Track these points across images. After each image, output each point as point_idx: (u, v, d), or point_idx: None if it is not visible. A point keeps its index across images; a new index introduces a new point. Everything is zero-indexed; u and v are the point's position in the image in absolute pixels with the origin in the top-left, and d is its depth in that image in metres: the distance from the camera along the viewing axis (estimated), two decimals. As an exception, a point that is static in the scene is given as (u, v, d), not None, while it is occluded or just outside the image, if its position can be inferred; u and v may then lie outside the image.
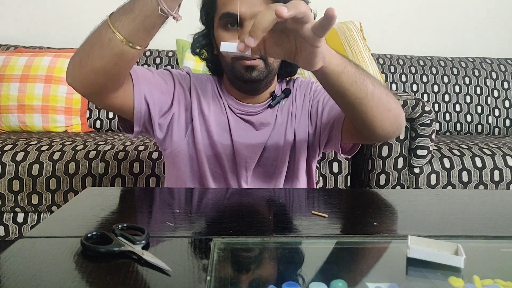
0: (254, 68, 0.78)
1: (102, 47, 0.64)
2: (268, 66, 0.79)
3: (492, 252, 0.45)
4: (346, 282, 0.35)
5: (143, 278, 0.36)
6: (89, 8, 2.18)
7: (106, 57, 0.64)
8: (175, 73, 0.87)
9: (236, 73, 0.79)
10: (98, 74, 0.66)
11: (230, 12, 0.75)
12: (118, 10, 0.64)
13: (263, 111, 0.87)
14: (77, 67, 0.67)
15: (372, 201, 0.64)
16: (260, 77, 0.79)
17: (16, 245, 0.42)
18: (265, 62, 0.79)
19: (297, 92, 0.91)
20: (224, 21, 0.78)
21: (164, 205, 0.62)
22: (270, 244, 0.44)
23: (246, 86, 0.83)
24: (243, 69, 0.78)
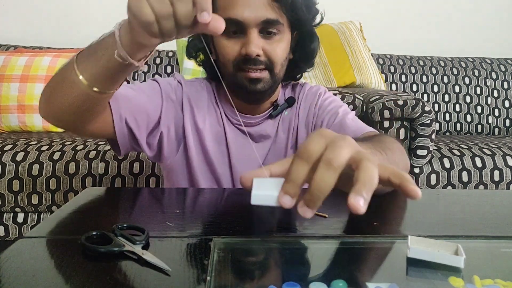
0: (260, 80, 0.72)
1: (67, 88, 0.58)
2: (274, 76, 0.74)
3: (492, 252, 0.45)
4: (346, 282, 0.35)
5: (143, 278, 0.36)
6: (89, 8, 2.19)
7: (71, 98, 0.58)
8: (163, 85, 0.80)
9: (239, 84, 0.74)
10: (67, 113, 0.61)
11: (233, 18, 0.69)
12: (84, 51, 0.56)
13: (263, 121, 0.82)
14: (47, 103, 0.63)
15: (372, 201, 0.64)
16: (265, 88, 0.74)
17: (16, 245, 0.42)
18: (270, 72, 0.73)
19: (302, 102, 0.85)
20: (225, 27, 0.73)
21: (164, 205, 0.62)
22: (270, 244, 0.44)
23: (249, 97, 0.77)
24: (247, 81, 0.72)
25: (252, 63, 0.71)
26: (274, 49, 0.72)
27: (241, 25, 0.70)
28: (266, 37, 0.72)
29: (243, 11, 0.69)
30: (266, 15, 0.70)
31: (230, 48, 0.72)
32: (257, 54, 0.70)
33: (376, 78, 1.98)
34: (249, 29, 0.70)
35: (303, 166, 0.34)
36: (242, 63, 0.72)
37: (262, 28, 0.71)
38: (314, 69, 1.95)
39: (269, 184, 0.36)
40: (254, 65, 0.71)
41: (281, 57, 0.74)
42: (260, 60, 0.71)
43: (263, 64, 0.72)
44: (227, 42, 0.72)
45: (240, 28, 0.70)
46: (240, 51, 0.71)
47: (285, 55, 0.76)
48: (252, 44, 0.69)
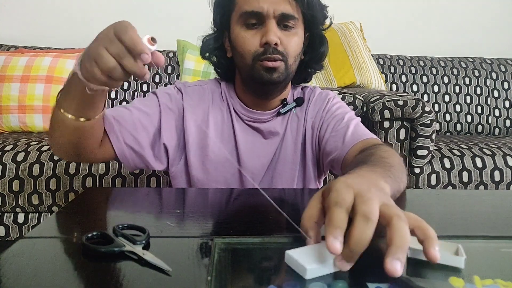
0: (275, 70, 0.75)
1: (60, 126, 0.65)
2: (288, 69, 0.77)
3: (493, 252, 0.45)
4: (346, 282, 0.35)
5: (143, 278, 0.36)
6: (89, 8, 2.19)
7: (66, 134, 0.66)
8: (161, 96, 0.82)
9: (255, 74, 0.76)
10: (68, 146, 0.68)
11: (255, 11, 0.74)
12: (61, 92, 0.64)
13: (272, 119, 0.84)
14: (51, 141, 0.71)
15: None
16: (280, 79, 0.76)
17: (16, 245, 0.42)
18: (285, 64, 0.76)
19: (311, 105, 0.87)
20: (244, 18, 0.75)
21: (164, 205, 0.62)
22: (270, 244, 0.44)
23: (263, 88, 0.79)
24: (264, 70, 0.75)
25: (270, 52, 0.74)
26: (290, 41, 0.76)
27: (260, 16, 0.74)
28: (283, 29, 0.76)
29: (263, 3, 0.73)
30: (284, 9, 0.74)
31: (250, 39, 0.76)
32: (275, 43, 0.74)
33: (376, 79, 1.98)
34: (268, 19, 0.74)
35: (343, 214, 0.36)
36: (262, 54, 0.75)
37: (279, 21, 0.75)
38: (314, 69, 1.95)
39: (311, 253, 0.37)
40: (272, 54, 0.74)
41: (295, 50, 0.78)
42: (278, 50, 0.75)
43: (280, 54, 0.75)
44: (247, 34, 0.76)
45: (259, 19, 0.74)
46: (260, 41, 0.75)
47: (299, 50, 0.79)
48: (272, 32, 0.73)
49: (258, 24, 0.75)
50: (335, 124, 0.82)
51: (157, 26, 2.20)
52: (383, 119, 1.40)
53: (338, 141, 0.78)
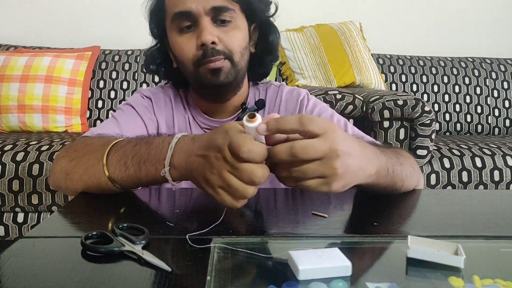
0: (220, 70, 0.70)
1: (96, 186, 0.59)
2: (235, 66, 0.72)
3: (492, 252, 0.45)
4: (346, 282, 0.35)
5: (143, 278, 0.36)
6: (89, 8, 2.18)
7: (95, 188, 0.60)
8: (139, 109, 0.79)
9: (201, 80, 0.72)
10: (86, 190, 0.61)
11: (183, 11, 0.69)
12: (121, 168, 0.57)
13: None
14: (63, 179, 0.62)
15: (372, 201, 0.64)
16: (228, 79, 0.71)
17: (16, 245, 0.42)
18: (231, 62, 0.71)
19: (282, 107, 0.81)
20: (177, 23, 0.70)
21: (164, 205, 0.62)
22: (270, 244, 0.44)
23: (214, 92, 0.75)
24: (209, 74, 0.70)
25: (210, 54, 0.69)
26: (230, 37, 0.71)
27: (191, 16, 0.69)
28: (220, 26, 0.71)
29: (191, 2, 0.68)
30: (214, 2, 0.69)
31: (186, 44, 0.71)
32: (213, 42, 0.69)
33: (376, 78, 1.98)
34: (200, 18, 0.69)
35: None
36: (202, 57, 0.70)
37: (213, 17, 0.70)
38: (314, 69, 1.95)
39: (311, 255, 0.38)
40: (212, 56, 0.69)
41: (238, 45, 0.72)
42: (217, 49, 0.69)
43: (221, 54, 0.70)
44: (182, 38, 0.71)
45: (192, 20, 0.69)
46: (197, 44, 0.70)
47: (244, 44, 0.74)
48: (206, 31, 0.68)
49: (192, 26, 0.70)
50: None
51: (156, 26, 2.20)
52: (382, 119, 1.40)
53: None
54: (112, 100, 1.96)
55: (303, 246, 0.43)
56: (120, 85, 1.97)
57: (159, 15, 0.75)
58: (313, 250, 0.39)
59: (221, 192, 0.46)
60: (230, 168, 0.45)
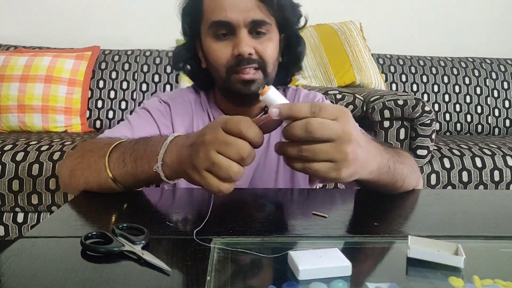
0: (254, 81, 0.72)
1: (94, 175, 0.60)
2: (267, 77, 0.73)
3: (492, 252, 0.45)
4: (346, 282, 0.35)
5: (143, 278, 0.36)
6: (89, 8, 2.18)
7: (96, 185, 0.60)
8: (155, 113, 0.79)
9: (232, 87, 0.73)
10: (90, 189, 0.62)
11: (223, 20, 0.70)
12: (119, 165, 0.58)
13: None
14: (68, 176, 0.64)
15: (372, 201, 0.64)
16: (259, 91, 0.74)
17: (16, 245, 0.42)
18: (263, 72, 0.73)
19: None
20: (214, 30, 0.71)
21: (164, 205, 0.62)
22: (270, 244, 0.44)
23: (242, 100, 0.76)
24: (240, 84, 0.72)
25: (245, 62, 0.71)
26: (265, 48, 0.72)
27: (230, 27, 0.70)
28: (256, 37, 0.72)
29: (232, 12, 0.69)
30: (254, 16, 0.70)
31: (221, 51, 0.72)
32: (249, 53, 0.70)
33: (376, 78, 1.98)
34: (239, 29, 0.70)
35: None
36: (236, 65, 0.71)
37: (251, 29, 0.71)
38: (314, 69, 1.95)
39: (311, 256, 0.38)
40: (247, 64, 0.71)
41: (272, 56, 0.74)
42: (252, 59, 0.71)
43: (256, 63, 0.72)
44: (218, 46, 0.72)
45: (230, 29, 0.71)
46: (232, 53, 0.71)
47: (276, 55, 0.76)
48: (243, 43, 0.70)
49: (229, 34, 0.71)
50: None
51: (157, 26, 2.20)
52: (383, 119, 1.40)
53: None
54: (112, 100, 1.96)
55: (303, 246, 0.43)
56: (120, 85, 1.97)
57: (194, 17, 0.76)
58: (313, 250, 0.39)
59: (206, 175, 0.46)
60: (218, 146, 0.45)
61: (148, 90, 1.97)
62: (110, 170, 0.58)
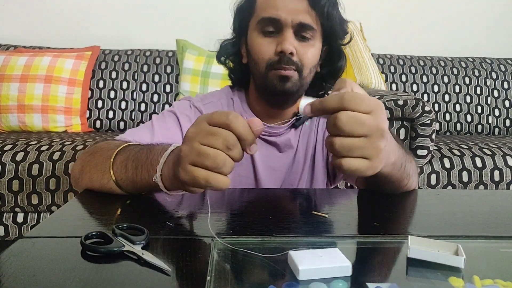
0: (289, 79, 0.74)
1: (99, 177, 0.60)
2: (301, 79, 0.75)
3: (492, 252, 0.45)
4: (346, 282, 0.35)
5: (143, 278, 0.36)
6: (89, 8, 2.19)
7: (101, 184, 0.61)
8: (182, 119, 0.79)
9: (268, 84, 0.75)
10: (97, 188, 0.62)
11: (272, 17, 0.72)
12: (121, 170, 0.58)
13: (286, 131, 0.83)
14: (78, 171, 0.65)
15: (372, 201, 0.64)
16: (293, 89, 0.75)
17: (16, 245, 0.42)
18: (299, 74, 0.75)
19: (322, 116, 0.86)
20: (262, 25, 0.74)
21: (164, 205, 0.62)
22: (270, 244, 0.44)
23: (277, 98, 0.78)
24: (277, 79, 0.74)
25: (285, 61, 0.73)
26: (306, 52, 0.75)
27: (278, 24, 0.73)
28: (300, 40, 0.74)
29: (282, 11, 0.72)
30: (302, 19, 0.73)
31: (265, 46, 0.74)
32: (291, 52, 0.72)
33: (376, 78, 1.98)
34: (285, 28, 0.73)
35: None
36: (276, 62, 0.73)
37: (297, 30, 0.74)
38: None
39: (311, 256, 0.38)
40: (286, 64, 0.73)
41: (311, 61, 0.76)
42: (292, 59, 0.73)
43: (294, 65, 0.74)
44: (263, 41, 0.75)
45: (277, 27, 0.73)
46: (276, 50, 0.73)
47: (315, 62, 0.78)
48: (288, 41, 0.72)
49: (275, 32, 0.74)
50: None
51: (157, 26, 2.20)
52: (383, 119, 1.40)
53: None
54: (112, 100, 1.96)
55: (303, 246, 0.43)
56: (120, 85, 1.97)
57: (246, 13, 0.79)
58: (313, 250, 0.39)
59: (192, 169, 0.44)
60: (202, 137, 0.44)
61: (148, 90, 1.98)
62: (113, 173, 0.58)
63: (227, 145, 0.43)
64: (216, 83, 1.86)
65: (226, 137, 0.43)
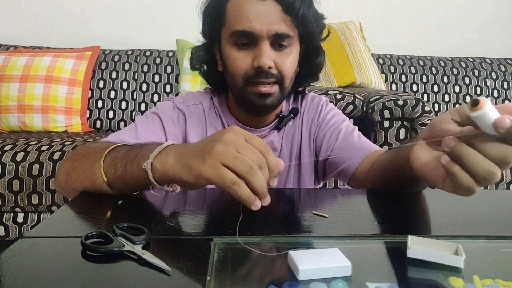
0: (270, 95, 0.71)
1: (89, 179, 0.59)
2: (283, 91, 0.73)
3: (492, 252, 0.45)
4: (346, 282, 0.35)
5: (143, 278, 0.36)
6: (89, 8, 2.19)
7: (91, 189, 0.60)
8: (166, 121, 0.77)
9: (247, 98, 0.72)
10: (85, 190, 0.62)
11: (246, 31, 0.68)
12: (111, 170, 0.57)
13: (269, 134, 0.81)
14: (64, 179, 0.63)
15: (372, 201, 0.64)
16: (274, 103, 0.73)
17: (16, 245, 0.42)
18: (280, 86, 0.72)
19: (305, 114, 0.83)
20: (235, 39, 0.70)
21: (164, 205, 0.62)
22: (270, 244, 0.44)
23: (255, 111, 0.76)
24: (256, 96, 0.71)
25: (263, 76, 0.70)
26: (284, 62, 0.71)
27: (252, 37, 0.69)
28: (276, 49, 0.71)
29: (256, 23, 0.68)
30: (278, 29, 0.69)
31: (241, 60, 0.71)
32: (269, 67, 0.69)
33: (376, 78, 1.98)
34: (261, 41, 0.69)
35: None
36: (253, 77, 0.70)
37: (273, 41, 0.70)
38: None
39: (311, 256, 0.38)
40: (265, 78, 0.70)
41: (290, 70, 0.73)
42: (271, 73, 0.70)
43: (274, 78, 0.71)
44: (238, 54, 0.71)
45: (252, 40, 0.70)
46: (252, 64, 0.70)
47: (294, 68, 0.75)
48: (265, 56, 0.68)
49: (250, 44, 0.70)
50: (331, 134, 0.80)
51: (157, 26, 2.20)
52: (383, 119, 1.40)
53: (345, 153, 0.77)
54: (112, 100, 1.96)
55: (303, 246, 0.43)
56: (120, 85, 1.97)
57: (216, 21, 0.74)
58: (313, 250, 0.39)
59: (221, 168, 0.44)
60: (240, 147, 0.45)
61: (148, 90, 1.98)
62: (104, 174, 0.57)
63: (260, 163, 0.44)
64: (216, 83, 1.86)
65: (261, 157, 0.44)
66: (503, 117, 0.36)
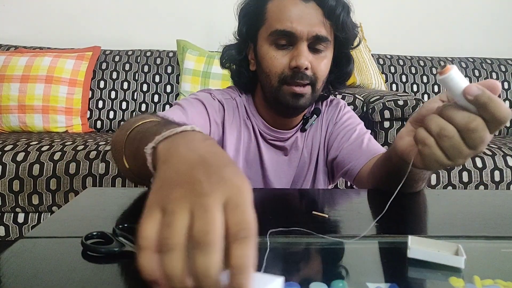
0: (303, 96, 0.72)
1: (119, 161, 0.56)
2: (314, 93, 0.74)
3: (493, 252, 0.45)
4: (346, 282, 0.35)
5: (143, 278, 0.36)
6: (89, 8, 2.19)
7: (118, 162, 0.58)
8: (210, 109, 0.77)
9: (280, 98, 0.73)
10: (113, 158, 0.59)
11: (287, 30, 0.69)
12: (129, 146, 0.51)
13: (294, 134, 0.83)
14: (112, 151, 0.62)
15: (372, 201, 0.64)
16: (305, 105, 0.74)
17: (16, 245, 0.42)
18: (313, 88, 0.73)
19: (324, 115, 0.85)
20: (275, 37, 0.71)
21: (164, 205, 0.62)
22: (270, 244, 0.44)
23: (288, 112, 0.77)
24: (290, 96, 0.72)
25: (299, 76, 0.70)
26: (319, 65, 0.72)
27: (292, 37, 0.70)
28: (313, 52, 0.72)
29: (297, 24, 0.69)
30: (318, 31, 0.70)
31: (278, 59, 0.71)
32: (306, 68, 0.70)
33: (376, 78, 1.98)
34: (300, 41, 0.70)
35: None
36: (290, 77, 0.71)
37: (311, 43, 0.71)
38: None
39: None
40: (301, 79, 0.71)
41: (324, 73, 0.74)
42: (307, 74, 0.71)
43: (309, 79, 0.71)
44: (276, 53, 0.72)
45: (291, 40, 0.70)
46: (289, 64, 0.71)
47: (327, 72, 0.76)
48: (303, 56, 0.69)
49: (288, 44, 0.71)
50: (345, 133, 0.81)
51: (157, 26, 2.20)
52: (383, 119, 1.40)
53: (352, 154, 0.78)
54: (113, 101, 1.96)
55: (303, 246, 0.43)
56: (121, 85, 1.97)
57: (255, 20, 0.75)
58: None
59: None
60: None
61: (149, 91, 1.98)
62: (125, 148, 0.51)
63: (205, 241, 0.27)
64: (217, 83, 1.86)
65: (215, 232, 0.27)
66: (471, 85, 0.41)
